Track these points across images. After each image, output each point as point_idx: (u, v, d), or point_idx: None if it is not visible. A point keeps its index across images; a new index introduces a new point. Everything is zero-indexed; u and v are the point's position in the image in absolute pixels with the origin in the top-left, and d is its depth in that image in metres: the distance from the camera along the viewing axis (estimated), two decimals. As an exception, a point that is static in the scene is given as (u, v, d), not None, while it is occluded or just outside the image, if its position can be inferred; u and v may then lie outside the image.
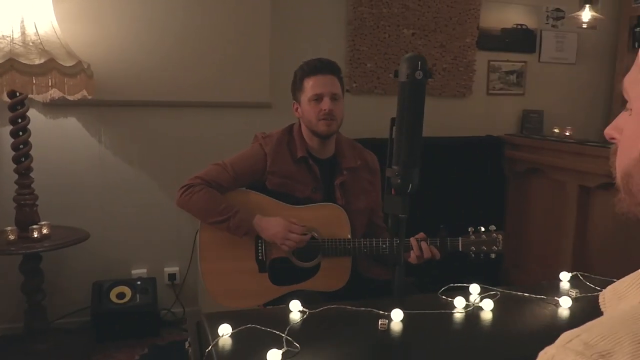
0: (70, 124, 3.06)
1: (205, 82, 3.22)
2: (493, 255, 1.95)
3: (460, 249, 1.95)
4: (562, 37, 3.98)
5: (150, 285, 3.17)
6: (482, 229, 1.98)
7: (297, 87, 2.07)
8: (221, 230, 1.97)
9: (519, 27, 3.87)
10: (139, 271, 3.30)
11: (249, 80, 3.30)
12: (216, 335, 1.11)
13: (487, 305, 1.28)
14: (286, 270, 1.98)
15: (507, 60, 3.88)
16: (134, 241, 3.26)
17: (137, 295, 3.12)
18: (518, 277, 3.67)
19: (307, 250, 1.96)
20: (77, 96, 2.71)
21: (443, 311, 1.25)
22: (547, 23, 3.93)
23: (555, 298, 1.35)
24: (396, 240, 1.94)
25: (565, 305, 1.31)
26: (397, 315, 1.19)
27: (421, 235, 1.94)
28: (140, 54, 3.08)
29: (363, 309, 1.29)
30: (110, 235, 3.17)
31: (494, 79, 3.87)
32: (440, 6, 3.61)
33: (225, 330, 1.11)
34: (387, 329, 1.17)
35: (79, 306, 3.14)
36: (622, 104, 0.93)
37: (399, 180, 1.37)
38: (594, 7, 3.32)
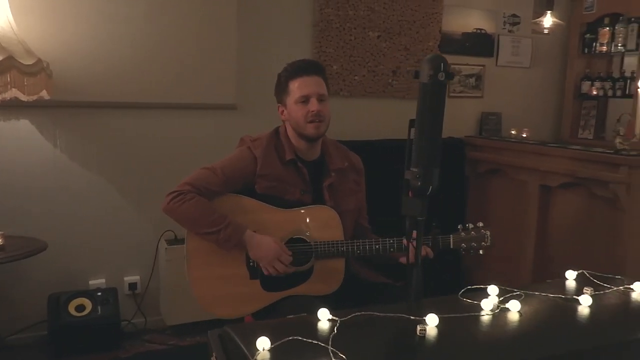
0: (24, 127, 2.86)
1: (169, 83, 3.10)
2: (482, 252, 1.98)
3: (451, 247, 1.96)
4: (518, 42, 4.11)
5: (111, 296, 3.01)
6: (471, 225, 1.99)
7: (282, 90, 2.01)
8: (209, 241, 1.88)
9: (479, 31, 3.96)
10: (96, 281, 3.13)
11: (214, 81, 3.20)
12: (254, 350, 1.04)
13: (514, 306, 1.27)
14: (279, 276, 1.91)
15: (467, 64, 3.96)
16: (92, 250, 3.09)
17: (98, 307, 2.95)
18: (478, 275, 3.74)
19: (300, 254, 1.91)
20: (34, 97, 2.52)
21: (475, 314, 1.22)
22: (504, 28, 4.04)
23: (575, 297, 1.36)
24: (389, 240, 1.93)
25: (585, 303, 1.33)
26: (432, 320, 1.16)
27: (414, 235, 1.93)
28: (100, 52, 2.92)
29: (392, 314, 1.24)
30: (66, 244, 2.99)
31: (454, 82, 3.93)
32: (405, 9, 3.63)
33: (264, 344, 1.04)
34: (425, 334, 1.14)
35: (34, 320, 2.94)
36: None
37: (419, 183, 1.34)
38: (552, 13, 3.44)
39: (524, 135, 3.83)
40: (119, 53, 2.95)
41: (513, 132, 3.93)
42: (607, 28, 4.01)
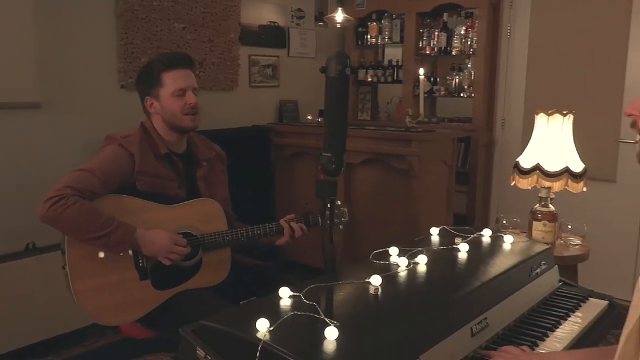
0: None
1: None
2: (341, 227, 2.23)
3: (319, 224, 2.17)
4: (304, 35, 4.48)
5: None
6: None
7: (153, 81, 1.98)
8: (97, 246, 1.78)
9: (272, 24, 4.22)
10: None
11: (12, 78, 2.85)
12: (255, 332, 1.11)
13: (422, 259, 1.55)
14: (168, 273, 1.90)
15: (264, 55, 4.19)
16: None
17: None
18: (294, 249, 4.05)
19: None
20: None
21: (397, 271, 1.47)
22: (292, 22, 4.37)
23: (454, 246, 1.70)
24: (269, 225, 2.08)
25: (464, 249, 1.68)
26: (376, 280, 1.37)
27: (290, 216, 2.11)
28: None
29: (341, 282, 1.42)
30: None
31: (254, 72, 4.14)
32: (207, 1, 3.69)
33: (265, 325, 1.12)
34: (378, 292, 1.34)
35: None
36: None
37: (333, 166, 1.53)
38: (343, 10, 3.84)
39: (319, 120, 4.23)
40: None
41: (309, 117, 4.30)
42: (375, 23, 4.64)
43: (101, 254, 1.81)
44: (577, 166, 2.35)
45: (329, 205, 1.65)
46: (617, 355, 1.00)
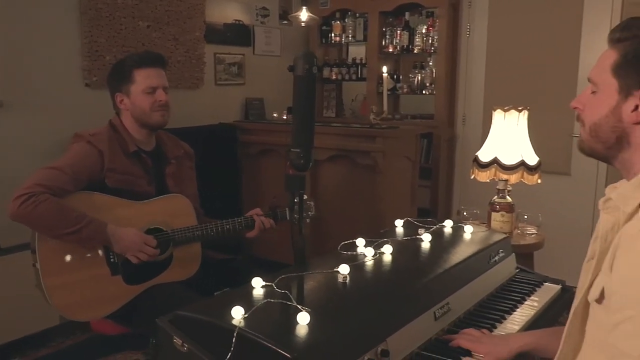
0: None
1: None
2: (308, 220, 2.29)
3: (287, 218, 2.23)
4: (269, 33, 4.52)
5: None
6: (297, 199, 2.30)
7: (124, 78, 2.01)
8: (69, 242, 1.80)
9: (237, 22, 4.24)
10: None
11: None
12: (230, 319, 1.16)
13: (388, 249, 1.63)
14: (139, 268, 1.93)
15: (229, 53, 4.22)
16: None
17: None
18: (259, 245, 4.08)
19: (159, 244, 1.96)
20: None
21: (364, 260, 1.55)
22: (257, 20, 4.40)
23: (418, 236, 1.79)
24: (238, 220, 2.12)
25: (427, 239, 1.77)
26: (344, 269, 1.44)
27: (257, 210, 2.16)
28: None
29: (309, 272, 1.48)
30: None
31: (220, 70, 4.16)
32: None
33: (240, 312, 1.17)
34: (346, 280, 1.41)
35: None
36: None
37: (302, 161, 1.59)
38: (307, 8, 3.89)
39: (285, 117, 4.28)
40: None
41: (275, 115, 4.36)
42: (339, 22, 4.72)
43: (72, 252, 1.83)
44: (532, 159, 2.47)
45: (297, 199, 1.71)
46: (565, 328, 1.10)
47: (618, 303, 0.94)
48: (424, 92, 4.49)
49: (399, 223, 1.98)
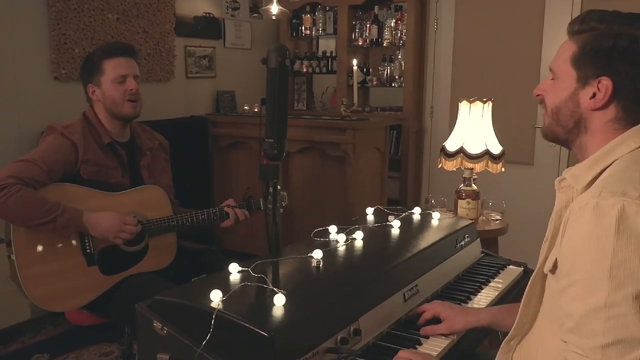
0: None
1: None
2: (282, 210, 2.34)
3: (261, 208, 2.27)
4: (239, 26, 4.54)
5: None
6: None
7: (94, 69, 2.02)
8: (45, 232, 1.81)
9: (207, 15, 4.25)
10: None
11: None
12: (209, 302, 1.21)
13: (359, 235, 1.69)
14: (115, 258, 1.95)
15: (200, 46, 4.22)
16: None
17: None
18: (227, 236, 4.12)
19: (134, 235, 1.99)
20: None
21: (340, 244, 1.61)
22: (227, 13, 4.41)
23: (387, 223, 1.85)
24: (213, 210, 2.16)
25: (396, 226, 1.84)
26: (318, 254, 1.50)
27: (231, 202, 2.19)
28: None
29: (283, 258, 1.53)
30: None
31: (190, 63, 4.16)
32: (141, -8, 3.69)
33: (218, 295, 1.21)
34: (320, 264, 1.47)
35: None
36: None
37: (275, 151, 1.64)
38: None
39: (256, 110, 4.31)
40: None
41: (246, 107, 4.38)
42: (309, 15, 4.76)
43: (48, 243, 1.84)
44: (496, 149, 2.57)
45: (272, 188, 1.76)
46: (523, 298, 1.18)
47: (566, 269, 1.01)
48: (393, 84, 4.57)
49: (369, 211, 2.05)
